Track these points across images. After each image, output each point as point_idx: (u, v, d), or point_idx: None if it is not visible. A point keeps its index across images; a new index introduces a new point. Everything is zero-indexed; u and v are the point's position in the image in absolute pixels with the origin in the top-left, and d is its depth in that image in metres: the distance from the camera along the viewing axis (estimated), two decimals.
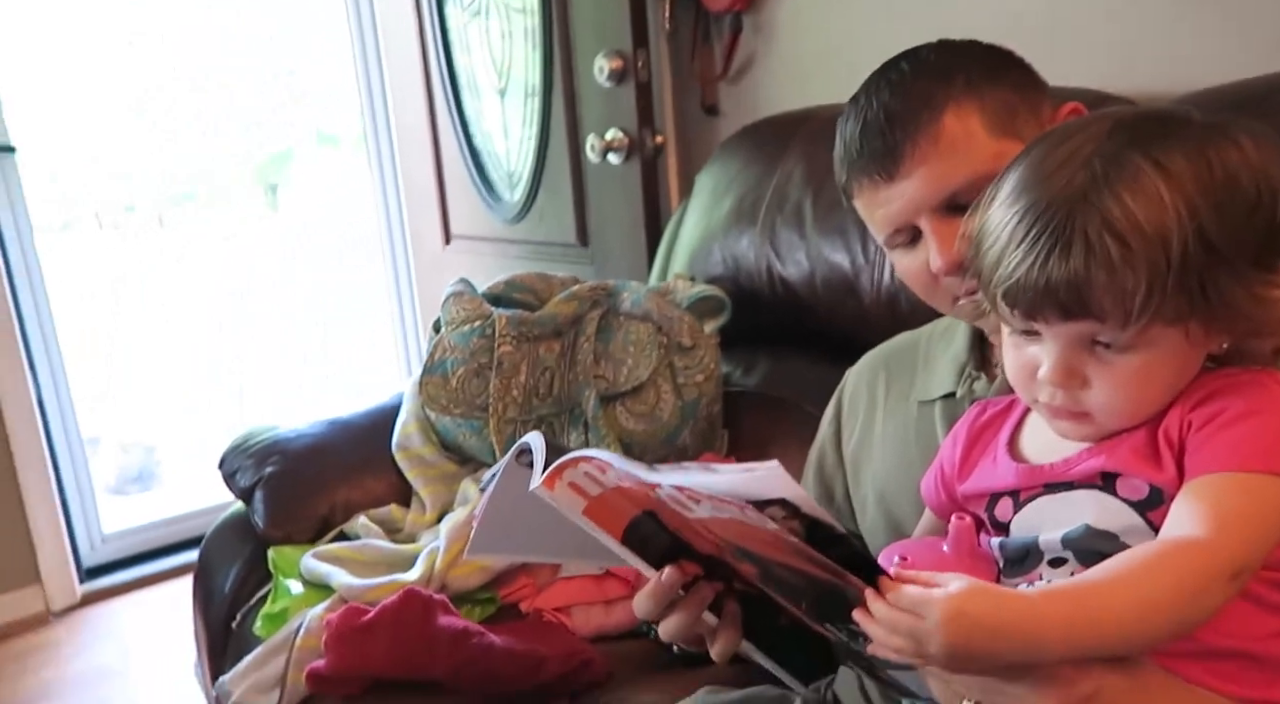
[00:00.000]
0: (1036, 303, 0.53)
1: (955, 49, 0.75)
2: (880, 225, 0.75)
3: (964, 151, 0.69)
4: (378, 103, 2.57)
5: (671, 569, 0.65)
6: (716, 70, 1.75)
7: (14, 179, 2.13)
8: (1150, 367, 0.53)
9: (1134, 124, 0.54)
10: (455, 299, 1.22)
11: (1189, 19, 1.16)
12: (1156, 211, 0.50)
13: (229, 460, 1.31)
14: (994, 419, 0.68)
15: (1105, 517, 0.55)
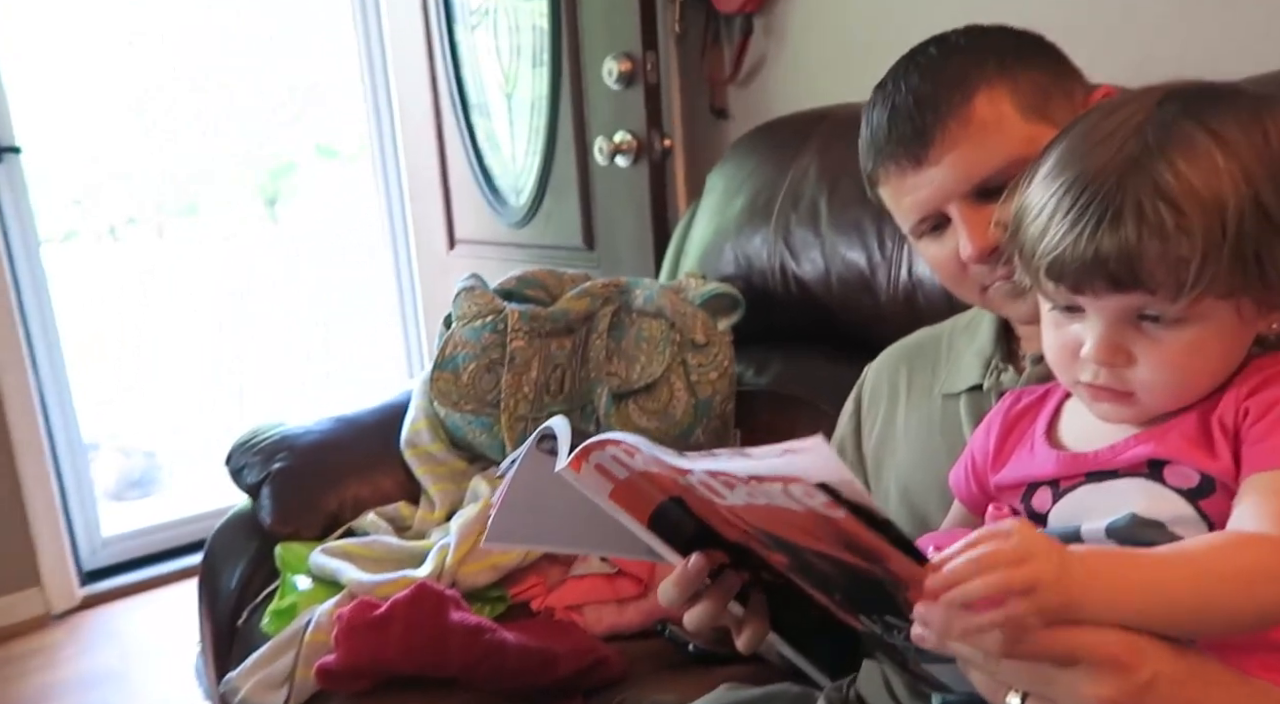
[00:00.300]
0: (1085, 274, 0.51)
1: (985, 32, 0.74)
2: (907, 213, 0.74)
3: (996, 135, 0.68)
4: (383, 107, 2.57)
5: (698, 556, 0.64)
6: (726, 73, 1.76)
7: (20, 180, 2.12)
8: (1199, 343, 0.52)
9: (1185, 94, 0.53)
10: (467, 294, 1.21)
11: (1206, 16, 1.16)
12: (1212, 179, 0.48)
13: (236, 456, 1.30)
14: (1029, 408, 0.66)
15: (1153, 505, 0.53)
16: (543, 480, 0.67)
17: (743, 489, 0.52)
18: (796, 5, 1.63)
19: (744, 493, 0.52)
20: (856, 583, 0.54)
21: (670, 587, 0.65)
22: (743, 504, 0.53)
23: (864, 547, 0.49)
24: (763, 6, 1.66)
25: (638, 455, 0.58)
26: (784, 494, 0.49)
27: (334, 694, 0.96)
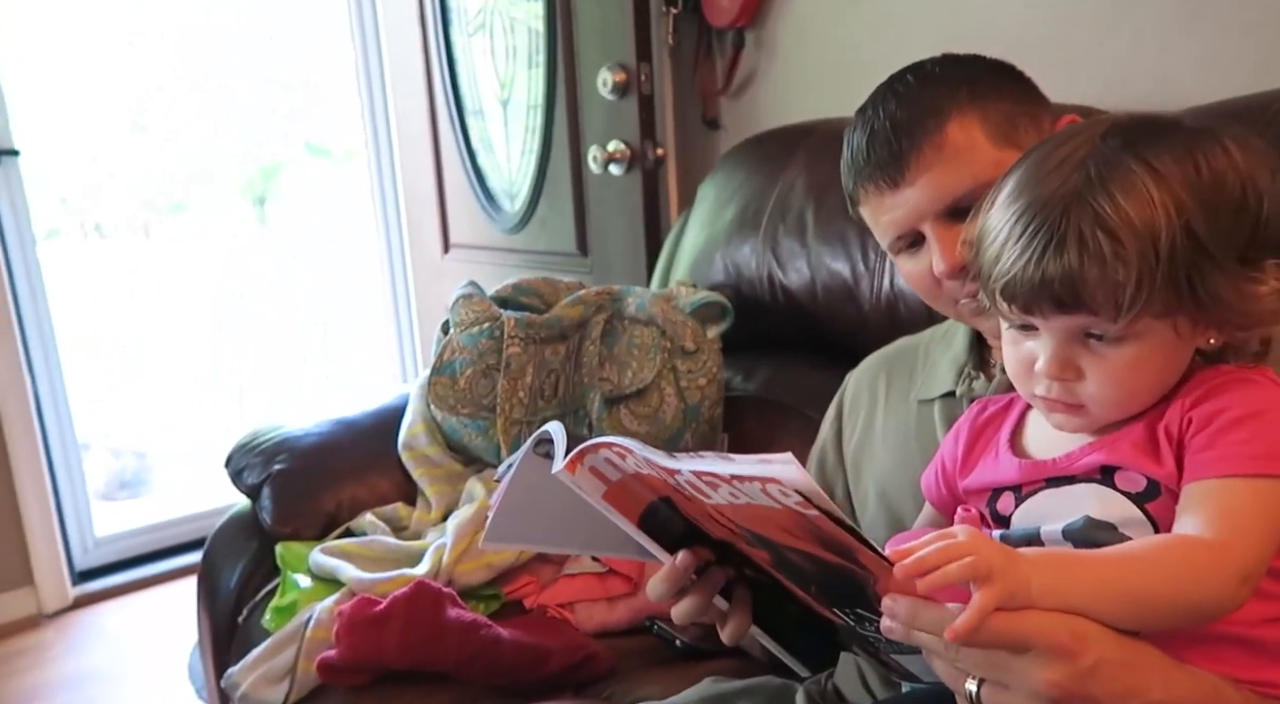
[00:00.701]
0: (1033, 297, 0.56)
1: (959, 62, 0.78)
2: (885, 231, 0.78)
3: (967, 160, 0.72)
4: (379, 110, 2.60)
5: (685, 553, 0.67)
6: (718, 85, 1.79)
7: (17, 182, 2.14)
8: (1141, 359, 0.56)
9: (1126, 128, 0.57)
10: (465, 301, 1.24)
11: (1183, 38, 1.21)
12: (1146, 210, 0.53)
13: (236, 458, 1.32)
14: (994, 416, 0.70)
15: (1105, 508, 0.58)
16: (539, 483, 0.70)
17: (726, 489, 0.55)
18: (787, 21, 1.67)
19: (727, 492, 0.56)
20: (831, 577, 0.58)
21: (659, 582, 0.69)
22: (726, 503, 0.57)
23: (835, 542, 0.53)
24: (754, 21, 1.70)
25: (629, 458, 0.61)
26: (763, 493, 0.53)
27: (334, 688, 0.99)
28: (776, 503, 0.53)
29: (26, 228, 2.17)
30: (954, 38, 1.43)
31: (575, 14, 1.83)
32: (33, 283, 2.19)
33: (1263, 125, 0.92)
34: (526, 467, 0.71)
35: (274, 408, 4.95)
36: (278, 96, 6.97)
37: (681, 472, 0.57)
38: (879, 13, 1.53)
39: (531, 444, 0.70)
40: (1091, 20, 1.29)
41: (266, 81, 6.68)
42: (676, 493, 0.61)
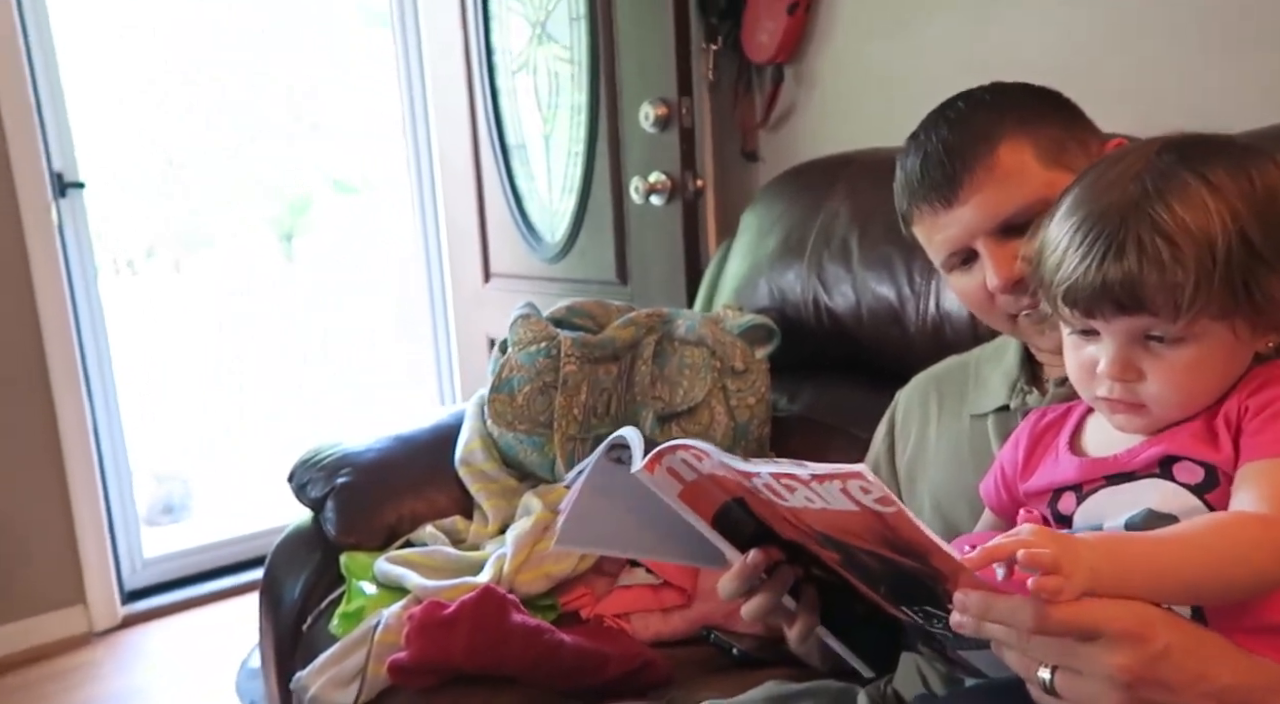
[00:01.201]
0: (1094, 300, 0.59)
1: (1007, 90, 0.83)
2: (939, 249, 0.82)
3: (1018, 180, 0.76)
4: (423, 147, 2.69)
5: (756, 552, 0.70)
6: (757, 118, 1.86)
7: (81, 215, 2.23)
8: (1200, 360, 0.59)
9: (1180, 145, 0.61)
10: (523, 321, 1.29)
11: (1218, 68, 1.25)
12: (1202, 217, 0.56)
13: (300, 473, 1.37)
14: (1053, 423, 0.73)
15: (1165, 501, 0.60)
16: (610, 487, 0.74)
17: (803, 492, 0.57)
18: (826, 55, 1.73)
19: (804, 495, 0.57)
20: (900, 577, 0.60)
21: (730, 580, 0.72)
22: (801, 507, 0.59)
23: (907, 542, 0.55)
24: (793, 57, 1.77)
25: (705, 460, 0.64)
26: (842, 493, 0.55)
27: (402, 690, 1.02)
28: (854, 504, 0.54)
29: (89, 260, 2.25)
30: (989, 70, 1.47)
31: (618, 51, 1.90)
32: (94, 314, 2.27)
33: None
34: (598, 471, 0.74)
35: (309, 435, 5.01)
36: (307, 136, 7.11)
37: (760, 474, 0.59)
38: (916, 47, 1.59)
39: (605, 449, 0.74)
40: (1126, 52, 1.34)
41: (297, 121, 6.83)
42: (750, 494, 0.64)
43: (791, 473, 0.56)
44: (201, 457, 4.75)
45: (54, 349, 2.10)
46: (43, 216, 2.05)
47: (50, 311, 2.08)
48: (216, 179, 6.63)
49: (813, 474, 0.55)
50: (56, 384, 2.12)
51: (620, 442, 0.72)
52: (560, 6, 2.02)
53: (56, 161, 2.13)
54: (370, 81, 4.47)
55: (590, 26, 1.94)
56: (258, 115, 5.78)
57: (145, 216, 6.98)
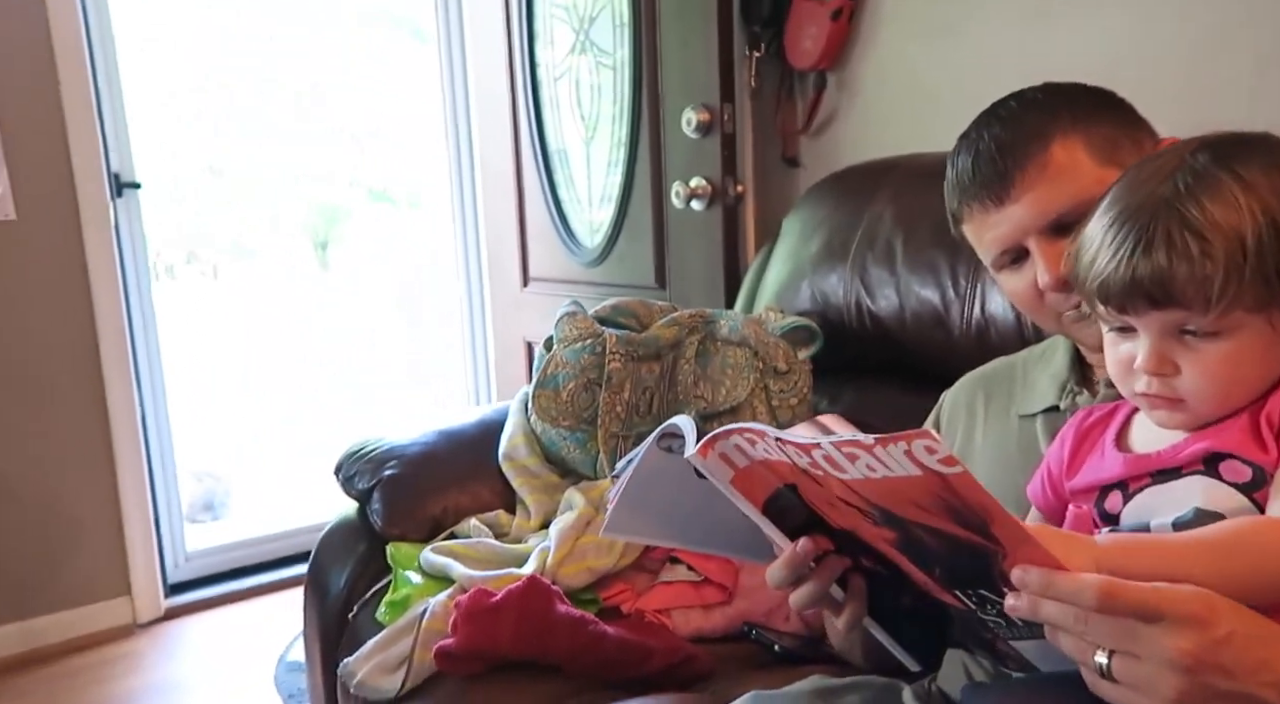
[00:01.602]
0: (1126, 295, 0.60)
1: (1060, 89, 0.83)
2: (990, 247, 0.83)
3: (1070, 178, 0.77)
4: (464, 154, 2.73)
5: (806, 541, 0.70)
6: (799, 125, 1.87)
7: (136, 215, 2.30)
8: (1237, 353, 0.59)
9: (1214, 144, 0.62)
10: (569, 319, 1.31)
11: (1269, 79, 1.24)
12: (1232, 212, 0.57)
13: (346, 465, 1.40)
14: (1099, 421, 0.73)
15: (1213, 499, 0.60)
16: (660, 476, 0.75)
17: (865, 459, 0.56)
18: (869, 62, 1.74)
19: (865, 464, 0.57)
20: (957, 557, 0.59)
21: (779, 567, 0.72)
22: (862, 478, 0.58)
23: (971, 506, 0.54)
24: (836, 63, 1.78)
25: (759, 444, 0.65)
26: (906, 455, 0.54)
27: (448, 677, 1.04)
28: (918, 468, 0.54)
29: (143, 260, 2.32)
30: (1034, 77, 1.47)
31: (661, 57, 1.93)
32: (145, 313, 2.33)
33: None
34: (649, 459, 0.75)
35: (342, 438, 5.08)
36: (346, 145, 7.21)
37: (821, 444, 0.58)
38: (960, 54, 1.59)
39: (656, 437, 0.75)
40: (1181, 60, 1.33)
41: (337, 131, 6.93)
42: (804, 476, 0.64)
43: (855, 439, 0.56)
44: (238, 457, 4.84)
45: (108, 347, 2.16)
46: (101, 215, 2.11)
47: (106, 310, 2.14)
48: (256, 187, 6.76)
49: (877, 438, 0.55)
50: (110, 381, 2.17)
51: (672, 430, 0.73)
52: (604, 13, 2.05)
53: (114, 162, 2.20)
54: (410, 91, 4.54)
55: (634, 33, 1.97)
56: (296, 124, 5.90)
57: (187, 222, 7.13)
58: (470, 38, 2.56)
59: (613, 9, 2.02)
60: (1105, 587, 0.51)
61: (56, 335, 2.10)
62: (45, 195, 2.04)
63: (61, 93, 2.01)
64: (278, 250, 7.79)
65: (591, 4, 2.08)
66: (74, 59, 2.02)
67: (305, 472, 3.69)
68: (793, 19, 1.79)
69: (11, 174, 1.99)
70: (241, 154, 6.45)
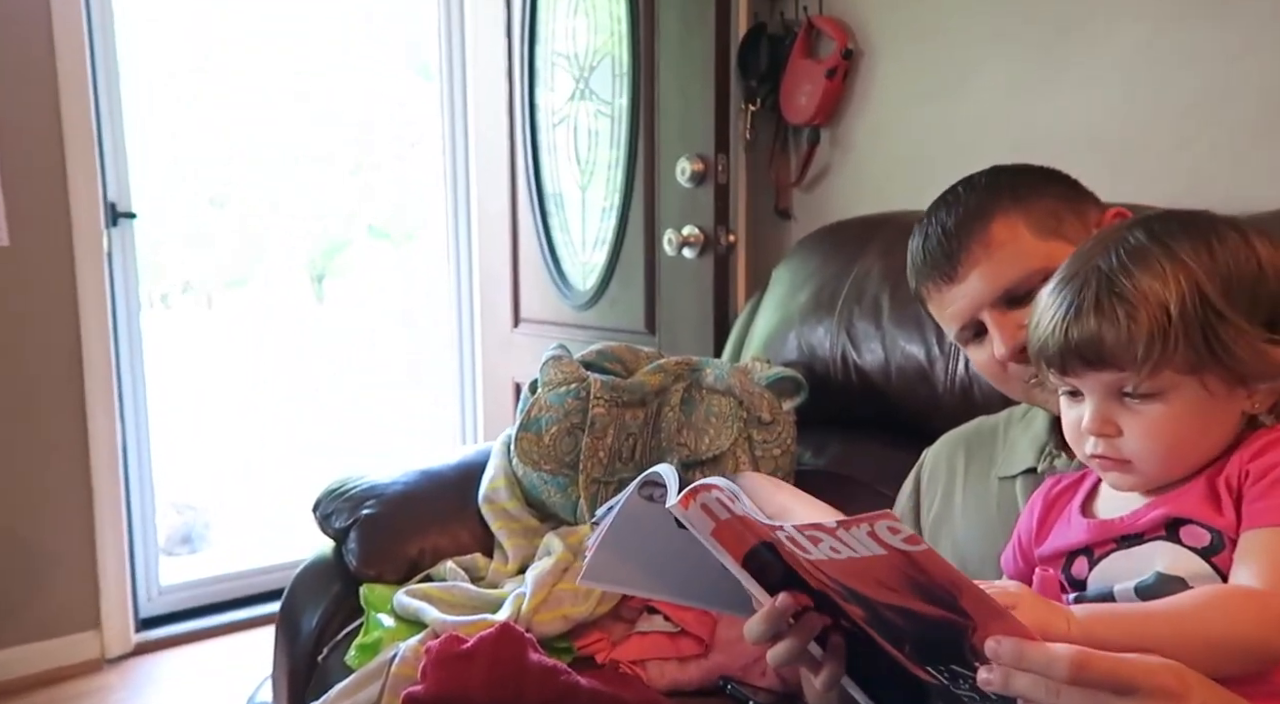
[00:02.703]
0: (1063, 357, 0.63)
1: (1003, 170, 0.89)
2: (950, 322, 0.87)
3: (1013, 252, 0.81)
4: (460, 195, 2.75)
5: (785, 596, 0.69)
6: (792, 177, 1.89)
7: (131, 246, 2.30)
8: (1174, 414, 0.61)
9: (1153, 220, 0.65)
10: (554, 362, 1.31)
11: (1262, 147, 1.26)
12: (1157, 281, 0.61)
13: (325, 503, 1.38)
14: (1067, 488, 0.74)
15: (1175, 564, 0.61)
16: (640, 525, 0.74)
17: (828, 542, 0.57)
18: (862, 120, 1.77)
19: (829, 546, 0.57)
20: (925, 633, 0.59)
21: (757, 623, 0.71)
22: (825, 558, 0.59)
23: (940, 582, 0.54)
24: (830, 120, 1.81)
25: (737, 503, 0.65)
26: (870, 537, 0.54)
27: None
28: (882, 547, 0.54)
29: (134, 290, 2.31)
30: (1027, 141, 1.51)
31: (658, 107, 1.96)
32: (133, 344, 2.31)
33: None
34: (630, 507, 0.75)
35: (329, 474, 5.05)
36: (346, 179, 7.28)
37: (784, 527, 0.59)
38: (953, 115, 1.62)
39: (637, 486, 0.74)
40: (1170, 127, 1.35)
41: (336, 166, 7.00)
42: (778, 542, 0.64)
43: (818, 523, 0.56)
44: (222, 490, 4.79)
45: (93, 377, 2.14)
46: (94, 245, 2.11)
47: (93, 339, 2.13)
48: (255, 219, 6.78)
49: (839, 522, 0.55)
50: (92, 412, 2.15)
51: (654, 479, 0.73)
52: (605, 62, 2.08)
53: (111, 191, 2.21)
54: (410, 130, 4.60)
55: (633, 83, 2.00)
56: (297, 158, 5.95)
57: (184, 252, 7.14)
58: (473, 79, 2.60)
59: (613, 58, 2.05)
60: (1078, 658, 0.50)
61: (41, 364, 2.09)
62: (40, 223, 2.04)
63: (62, 121, 2.03)
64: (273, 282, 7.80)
65: (592, 53, 2.12)
66: (77, 88, 2.04)
67: (290, 505, 3.65)
68: (789, 75, 1.83)
69: (8, 200, 2.00)
70: (242, 186, 6.49)
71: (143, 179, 2.66)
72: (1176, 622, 0.55)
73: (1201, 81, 1.31)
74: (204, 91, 5.45)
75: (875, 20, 1.72)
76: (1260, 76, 1.25)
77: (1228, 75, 1.28)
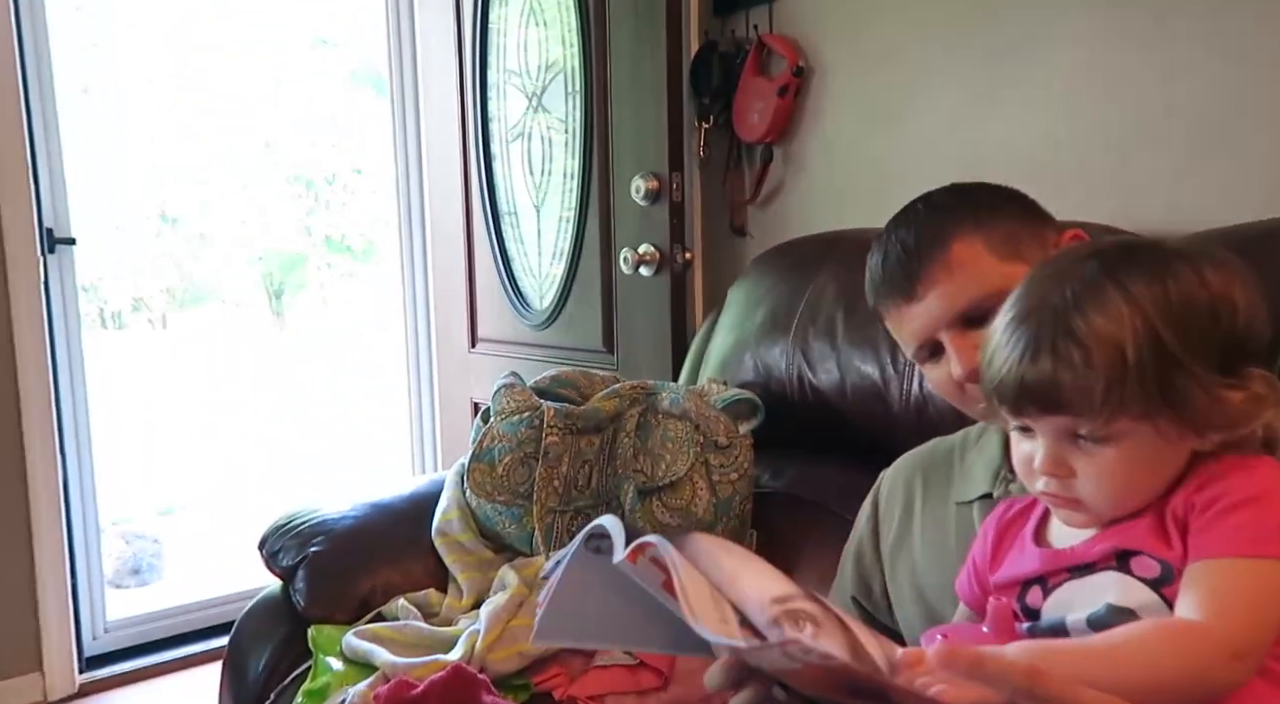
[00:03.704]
0: (1018, 400, 0.62)
1: (963, 190, 0.88)
2: (908, 341, 0.87)
3: (972, 273, 0.81)
4: (414, 212, 2.71)
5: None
6: (746, 195, 1.89)
7: (70, 271, 2.23)
8: (1128, 458, 0.61)
9: (1108, 253, 0.64)
10: (507, 391, 1.29)
11: (1198, 167, 1.28)
12: (1114, 325, 0.59)
13: (271, 540, 1.34)
14: (1019, 514, 0.73)
15: (1125, 595, 0.60)
16: (590, 578, 0.71)
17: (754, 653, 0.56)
18: (815, 138, 1.77)
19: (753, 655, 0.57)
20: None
21: (716, 672, 0.69)
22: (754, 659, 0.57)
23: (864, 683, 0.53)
24: (782, 137, 1.81)
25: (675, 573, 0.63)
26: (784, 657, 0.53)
27: None
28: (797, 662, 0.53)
29: (74, 316, 2.24)
30: (974, 160, 1.52)
31: (612, 126, 1.94)
32: (74, 371, 2.24)
33: (1273, 252, 0.98)
34: (577, 562, 0.72)
35: (289, 496, 4.96)
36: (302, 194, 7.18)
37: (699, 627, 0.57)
38: (904, 135, 1.63)
39: (582, 539, 0.71)
40: (1108, 150, 1.37)
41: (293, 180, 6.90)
42: None
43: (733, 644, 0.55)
44: (175, 516, 4.66)
45: (30, 406, 2.07)
46: (30, 273, 2.04)
47: (29, 368, 2.06)
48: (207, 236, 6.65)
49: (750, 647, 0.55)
50: (30, 442, 2.08)
51: (599, 531, 0.71)
52: (557, 81, 2.06)
53: (48, 217, 2.14)
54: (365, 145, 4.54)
55: (585, 102, 1.98)
56: (250, 174, 5.86)
57: (135, 270, 6.98)
58: (424, 96, 2.57)
59: (565, 76, 2.04)
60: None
61: None
62: None
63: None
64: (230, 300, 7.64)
65: (545, 70, 2.10)
66: (9, 112, 1.98)
67: (247, 530, 3.57)
68: (741, 93, 1.82)
69: None
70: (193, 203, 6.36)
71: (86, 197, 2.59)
72: (1114, 658, 0.54)
73: (1137, 103, 1.33)
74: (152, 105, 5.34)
75: (825, 39, 1.73)
76: (1192, 98, 1.28)
77: (1163, 97, 1.31)
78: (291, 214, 6.73)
